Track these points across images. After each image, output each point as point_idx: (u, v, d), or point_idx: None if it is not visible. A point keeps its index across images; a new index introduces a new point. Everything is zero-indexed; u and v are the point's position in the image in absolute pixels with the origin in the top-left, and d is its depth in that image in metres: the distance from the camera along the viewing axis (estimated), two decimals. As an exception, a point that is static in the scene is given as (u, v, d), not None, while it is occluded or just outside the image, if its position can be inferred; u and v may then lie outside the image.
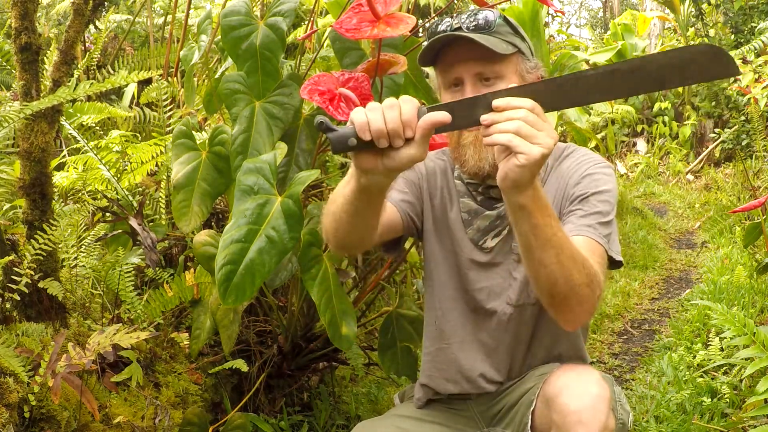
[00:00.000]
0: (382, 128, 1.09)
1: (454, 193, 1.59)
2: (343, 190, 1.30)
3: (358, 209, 1.29)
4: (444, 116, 1.11)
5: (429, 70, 1.66)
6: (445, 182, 1.61)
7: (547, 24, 8.48)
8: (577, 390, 1.28)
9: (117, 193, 2.40)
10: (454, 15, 1.47)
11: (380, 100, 1.87)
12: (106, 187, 2.43)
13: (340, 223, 1.34)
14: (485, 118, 1.12)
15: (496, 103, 1.11)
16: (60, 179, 2.44)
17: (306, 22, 3.40)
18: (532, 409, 1.40)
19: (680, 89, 8.92)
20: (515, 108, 1.10)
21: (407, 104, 1.11)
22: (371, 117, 1.09)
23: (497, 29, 1.42)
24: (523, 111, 1.10)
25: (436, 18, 1.52)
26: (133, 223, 2.06)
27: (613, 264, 1.43)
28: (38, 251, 1.74)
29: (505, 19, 1.45)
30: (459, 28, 1.43)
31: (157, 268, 2.11)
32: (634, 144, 9.38)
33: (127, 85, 3.49)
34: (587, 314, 1.30)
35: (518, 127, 1.09)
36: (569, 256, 1.23)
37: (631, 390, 2.75)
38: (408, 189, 1.58)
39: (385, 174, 1.16)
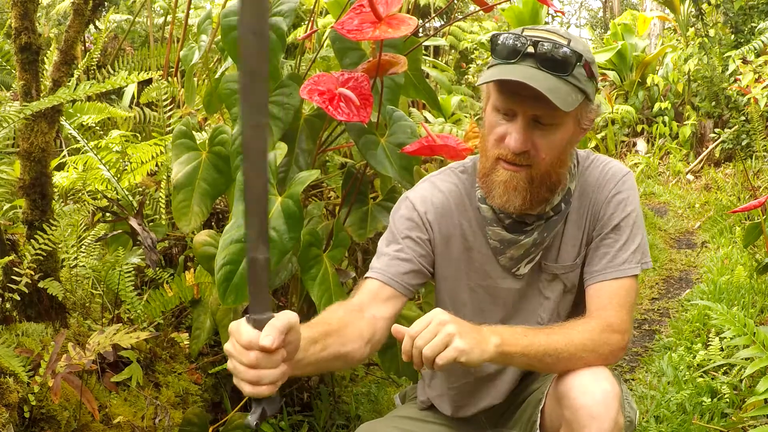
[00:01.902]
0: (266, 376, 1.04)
1: (480, 221, 1.46)
2: None
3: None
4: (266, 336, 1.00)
5: (428, 70, 1.65)
6: (464, 215, 1.47)
7: (547, 24, 8.48)
8: (589, 386, 1.28)
9: (117, 193, 2.40)
10: (534, 36, 1.30)
11: (380, 101, 1.89)
12: (106, 187, 2.43)
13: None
14: (397, 329, 1.24)
15: (395, 332, 1.23)
16: (60, 179, 2.44)
17: (306, 22, 3.40)
18: (541, 406, 1.40)
19: (680, 89, 8.93)
20: (407, 338, 1.21)
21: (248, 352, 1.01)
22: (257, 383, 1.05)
23: (574, 72, 1.29)
24: (418, 337, 1.19)
25: (436, 20, 1.49)
26: (133, 223, 2.06)
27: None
28: (38, 251, 1.74)
29: (586, 63, 1.31)
30: (531, 55, 1.28)
31: (157, 268, 2.11)
32: (634, 144, 9.38)
33: (127, 85, 3.49)
34: (620, 357, 1.37)
35: (433, 343, 1.18)
36: (578, 349, 1.30)
37: (631, 390, 2.75)
38: (412, 255, 1.44)
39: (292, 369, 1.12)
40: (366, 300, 1.38)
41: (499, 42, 1.31)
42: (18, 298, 1.74)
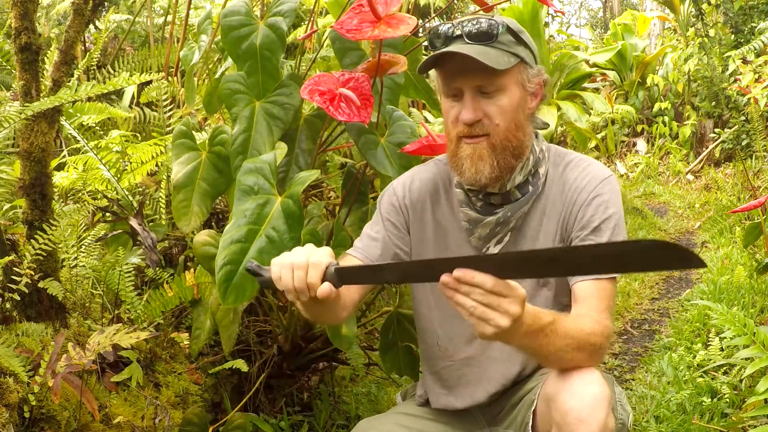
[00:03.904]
0: (290, 286, 1.22)
1: (454, 205, 1.54)
2: None
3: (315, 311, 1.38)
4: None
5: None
6: (441, 200, 1.57)
7: (547, 24, 8.48)
8: (578, 389, 1.28)
9: (117, 193, 2.40)
10: (455, 19, 1.43)
11: (380, 101, 1.89)
12: (106, 187, 2.43)
13: (310, 315, 1.41)
14: (446, 281, 1.11)
15: (456, 274, 1.10)
16: (60, 179, 2.44)
17: (306, 22, 3.40)
18: (533, 408, 1.40)
19: (680, 89, 8.93)
20: (472, 286, 1.09)
21: (314, 269, 1.21)
22: (282, 274, 1.23)
23: (500, 38, 1.39)
24: (478, 293, 1.09)
25: (435, 20, 1.51)
26: (133, 223, 2.06)
27: None
28: (38, 251, 1.74)
29: (509, 29, 1.41)
30: (460, 36, 1.39)
31: (157, 268, 2.11)
32: (634, 144, 9.39)
33: (127, 86, 3.49)
34: (603, 356, 1.39)
35: (472, 307, 1.10)
36: (575, 348, 1.29)
37: (631, 390, 2.76)
38: (389, 237, 1.55)
39: (309, 303, 1.26)
40: None
41: (433, 34, 1.44)
42: (18, 298, 1.74)
